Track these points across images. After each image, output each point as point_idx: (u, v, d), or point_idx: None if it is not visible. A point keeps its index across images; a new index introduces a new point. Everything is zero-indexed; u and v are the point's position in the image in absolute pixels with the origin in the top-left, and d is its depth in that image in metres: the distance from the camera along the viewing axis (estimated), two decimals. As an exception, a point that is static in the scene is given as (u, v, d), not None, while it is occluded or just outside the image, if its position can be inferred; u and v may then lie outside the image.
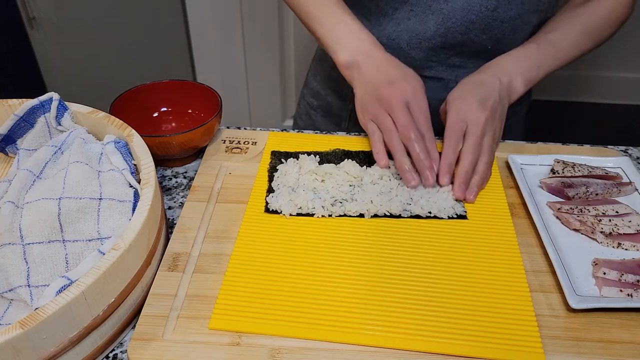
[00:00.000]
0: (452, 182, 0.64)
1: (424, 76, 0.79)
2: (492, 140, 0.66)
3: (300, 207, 0.62)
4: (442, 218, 0.62)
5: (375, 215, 0.62)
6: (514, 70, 0.71)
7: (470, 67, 0.78)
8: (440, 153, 0.65)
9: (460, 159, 0.64)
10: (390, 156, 0.66)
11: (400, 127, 0.64)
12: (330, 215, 0.62)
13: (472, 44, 0.76)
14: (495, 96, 0.68)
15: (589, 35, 0.75)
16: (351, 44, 0.71)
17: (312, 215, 0.61)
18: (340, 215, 0.62)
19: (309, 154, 0.69)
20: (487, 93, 0.67)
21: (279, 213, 0.62)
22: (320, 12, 0.72)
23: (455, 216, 0.62)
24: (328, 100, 0.92)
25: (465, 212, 0.62)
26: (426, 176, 0.63)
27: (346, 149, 0.70)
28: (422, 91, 0.67)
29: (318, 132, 0.76)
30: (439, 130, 0.68)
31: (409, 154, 0.64)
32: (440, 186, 0.64)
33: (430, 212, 0.62)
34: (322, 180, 0.65)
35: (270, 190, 0.65)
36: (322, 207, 0.62)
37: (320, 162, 0.68)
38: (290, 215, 0.61)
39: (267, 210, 0.62)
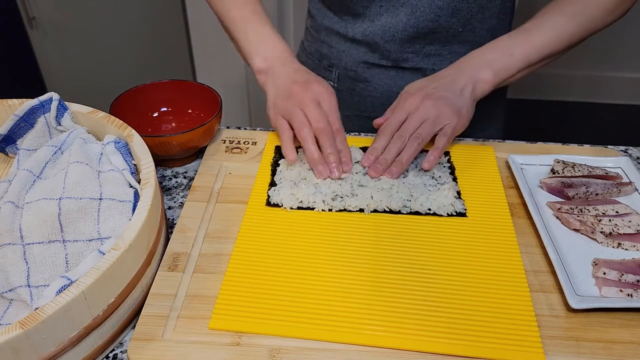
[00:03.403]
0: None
1: (402, 67, 0.82)
2: (430, 125, 0.66)
3: (301, 201, 0.62)
4: (441, 215, 0.62)
5: (375, 211, 0.62)
6: (481, 60, 0.71)
7: (446, 54, 0.80)
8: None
9: (388, 145, 0.67)
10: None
11: (312, 120, 0.66)
12: (330, 210, 0.62)
13: (443, 30, 0.77)
14: (447, 84, 0.69)
15: (573, 17, 0.71)
16: (268, 52, 0.73)
17: (313, 209, 0.62)
18: (340, 210, 0.62)
19: None
20: (438, 83, 0.69)
21: (279, 206, 0.62)
22: (242, 21, 0.74)
23: (455, 214, 0.62)
24: None
25: (465, 209, 0.63)
26: (332, 170, 0.65)
27: (349, 145, 0.70)
28: (333, 94, 0.69)
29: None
30: None
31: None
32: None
33: (429, 210, 0.62)
34: None
35: (272, 183, 0.65)
36: (323, 201, 0.62)
37: None
38: (291, 208, 0.62)
39: (268, 203, 0.62)
